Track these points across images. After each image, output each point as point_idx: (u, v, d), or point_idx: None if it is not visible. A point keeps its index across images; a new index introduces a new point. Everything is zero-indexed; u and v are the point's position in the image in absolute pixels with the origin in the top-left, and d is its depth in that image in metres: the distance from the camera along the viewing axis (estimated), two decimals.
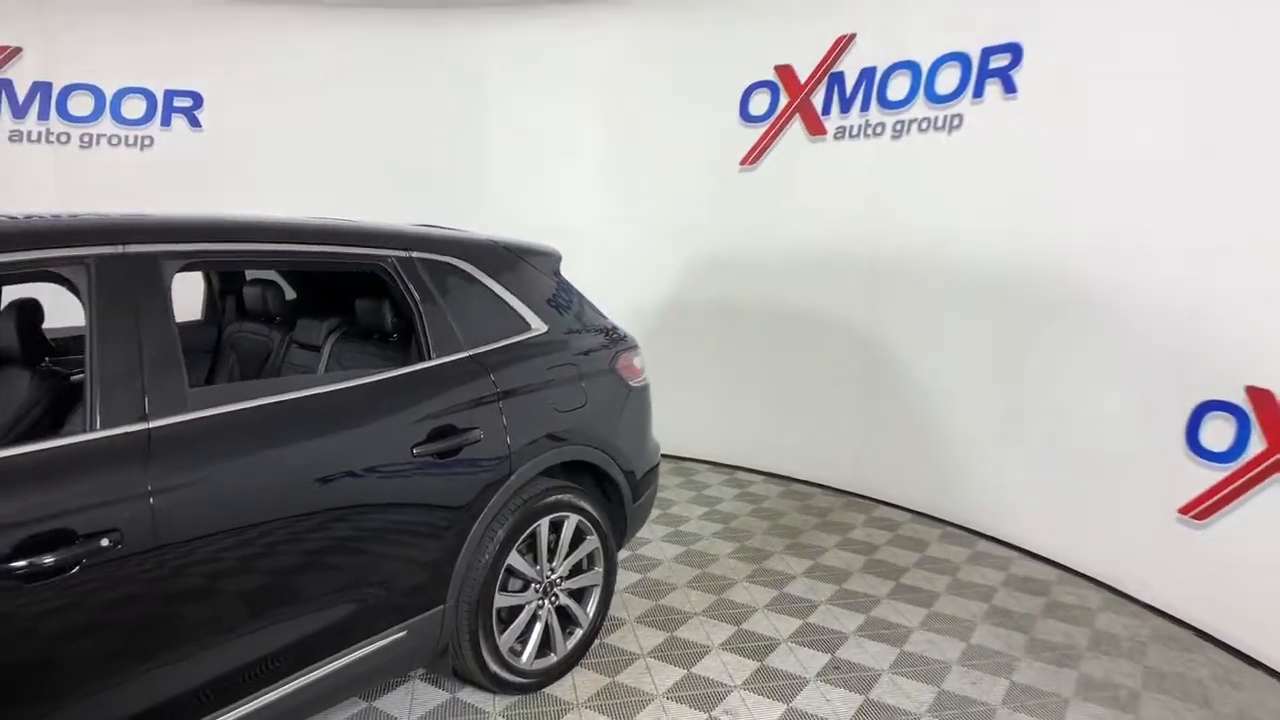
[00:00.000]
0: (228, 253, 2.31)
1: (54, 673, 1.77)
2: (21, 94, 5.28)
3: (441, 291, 2.74)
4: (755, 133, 5.21)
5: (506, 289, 2.97)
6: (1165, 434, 3.52)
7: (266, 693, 2.14)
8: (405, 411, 2.48)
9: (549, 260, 3.27)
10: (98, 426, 1.90)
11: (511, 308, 2.97)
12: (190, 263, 2.19)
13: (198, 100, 5.67)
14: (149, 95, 5.58)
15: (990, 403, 4.37)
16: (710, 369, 5.49)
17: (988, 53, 4.17)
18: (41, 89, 5.33)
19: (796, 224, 5.10)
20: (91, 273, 1.98)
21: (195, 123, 5.68)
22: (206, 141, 5.70)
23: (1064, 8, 3.86)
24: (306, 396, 2.29)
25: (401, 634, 2.48)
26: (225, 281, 3.67)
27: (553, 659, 2.99)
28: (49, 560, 1.73)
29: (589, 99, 5.65)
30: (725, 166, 5.31)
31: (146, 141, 5.61)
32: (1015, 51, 4.06)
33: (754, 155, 5.24)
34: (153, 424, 1.96)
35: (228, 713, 2.06)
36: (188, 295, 2.78)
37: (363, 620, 2.36)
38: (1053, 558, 4.14)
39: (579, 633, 3.10)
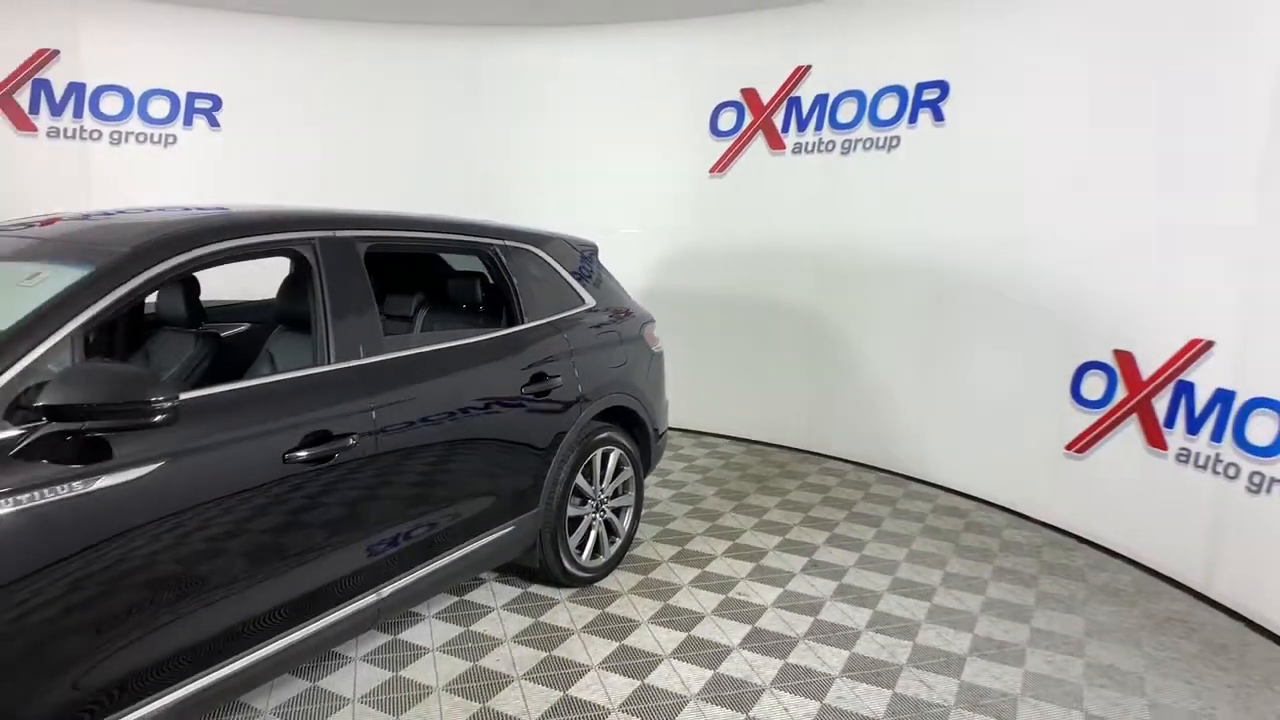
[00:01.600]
0: (394, 238, 3.07)
1: (322, 527, 2.52)
2: (59, 94, 5.72)
3: (528, 272, 3.55)
4: (724, 145, 6.13)
5: (567, 271, 3.80)
6: (1055, 389, 4.59)
7: (440, 559, 2.93)
8: (515, 358, 3.29)
9: (591, 250, 4.10)
10: (332, 361, 2.64)
11: (571, 286, 3.79)
12: (373, 244, 2.93)
13: (217, 102, 6.21)
14: (173, 96, 6.09)
15: (917, 370, 5.40)
16: (680, 348, 6.31)
17: (921, 87, 5.19)
18: (76, 89, 5.78)
19: (758, 224, 6.04)
20: (317, 250, 2.72)
21: (214, 123, 6.22)
22: (224, 140, 6.25)
23: (983, 55, 4.90)
24: (452, 346, 3.08)
25: (512, 528, 3.29)
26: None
27: (601, 560, 3.83)
28: (318, 447, 2.47)
29: (587, 115, 6.44)
30: (697, 173, 6.21)
31: (170, 139, 6.12)
32: (943, 87, 5.09)
33: (722, 165, 6.16)
34: (365, 360, 2.71)
35: (424, 567, 2.85)
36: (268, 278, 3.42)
37: (492, 514, 3.17)
38: (969, 492, 5.19)
39: (618, 542, 3.94)
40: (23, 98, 5.60)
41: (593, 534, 3.77)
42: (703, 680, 3.04)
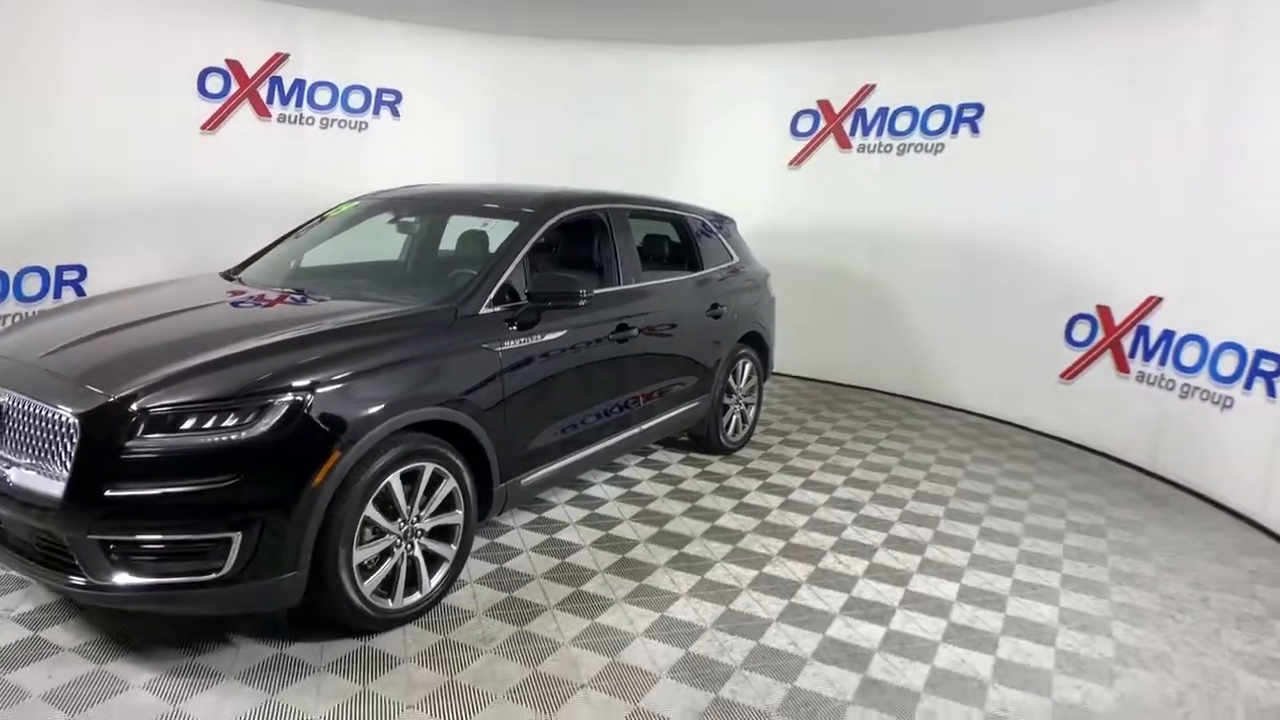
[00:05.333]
0: (638, 209, 4.75)
1: (623, 380, 4.24)
2: (287, 88, 7.32)
3: (702, 235, 5.26)
4: (801, 144, 7.81)
5: (722, 237, 5.50)
6: (1053, 334, 6.32)
7: (670, 412, 4.68)
8: (702, 291, 5.01)
9: (733, 223, 5.80)
10: (620, 283, 4.34)
11: (725, 247, 5.49)
12: (632, 212, 4.61)
13: (399, 96, 7.83)
14: (366, 91, 7.69)
15: (948, 321, 7.12)
16: None
17: (962, 107, 6.87)
18: (298, 84, 7.37)
19: (826, 207, 7.72)
20: (608, 217, 4.41)
21: (396, 113, 7.84)
22: (403, 127, 7.88)
23: (1010, 84, 6.57)
24: (674, 280, 4.81)
25: (697, 404, 5.01)
26: None
27: (739, 437, 5.56)
28: (622, 332, 4.17)
29: (702, 117, 8.16)
30: (779, 166, 7.90)
31: (363, 125, 7.73)
32: (979, 108, 6.77)
33: (799, 159, 7.84)
34: (637, 284, 4.42)
35: (664, 415, 4.60)
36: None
37: (690, 392, 4.90)
38: (986, 413, 6.94)
39: (747, 427, 5.67)
40: (262, 90, 7.19)
41: (735, 417, 5.50)
42: (825, 499, 4.79)
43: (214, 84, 6.93)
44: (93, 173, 6.05)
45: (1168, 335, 5.51)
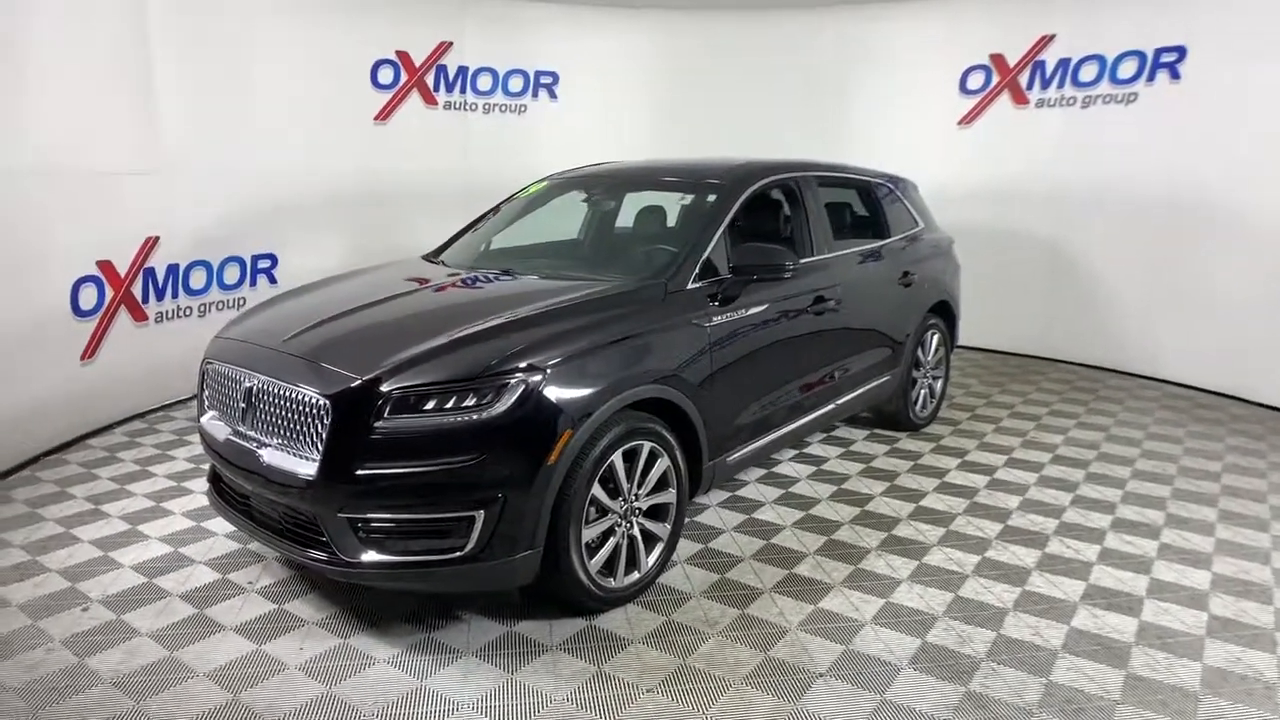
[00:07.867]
0: (824, 176, 4.53)
1: (819, 353, 4.07)
2: (451, 76, 7.48)
3: (889, 200, 4.99)
4: (971, 101, 7.33)
5: (907, 201, 5.20)
6: (1278, 297, 5.67)
7: (861, 388, 4.48)
8: (892, 260, 4.75)
9: (915, 187, 5.48)
10: (813, 254, 4.15)
11: (911, 212, 5.20)
12: (820, 180, 4.41)
13: (555, 78, 7.86)
14: (525, 74, 7.77)
15: (1144, 287, 6.53)
16: None
17: (1160, 51, 6.24)
18: (462, 71, 7.52)
19: (1000, 165, 7.22)
20: (798, 185, 4.22)
21: (553, 95, 7.88)
22: (560, 109, 7.91)
23: (1221, 23, 5.91)
24: (866, 248, 4.58)
25: (888, 379, 4.78)
26: None
27: (926, 413, 5.28)
28: (818, 305, 3.99)
29: (866, 78, 7.82)
30: (947, 125, 7.44)
31: (522, 108, 7.81)
32: (1181, 51, 6.12)
33: (969, 117, 7.36)
34: (829, 254, 4.22)
35: (854, 391, 4.40)
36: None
37: (882, 366, 4.67)
38: (1191, 383, 6.33)
39: (934, 401, 5.38)
40: (429, 79, 7.37)
41: (923, 392, 5.22)
42: (1033, 478, 4.46)
43: (385, 75, 7.15)
44: (279, 166, 6.33)
45: None
